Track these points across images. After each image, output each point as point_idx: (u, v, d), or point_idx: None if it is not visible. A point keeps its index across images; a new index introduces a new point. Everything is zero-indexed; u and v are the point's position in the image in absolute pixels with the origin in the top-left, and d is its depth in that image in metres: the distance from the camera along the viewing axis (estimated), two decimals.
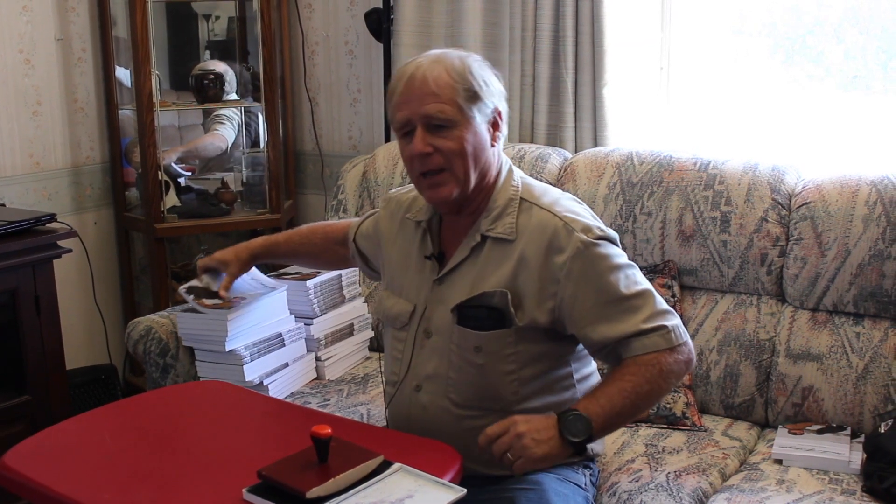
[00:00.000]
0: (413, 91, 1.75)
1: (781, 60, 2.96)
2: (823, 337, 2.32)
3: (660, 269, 2.50)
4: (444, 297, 1.84)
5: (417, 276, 1.90)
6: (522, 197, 1.83)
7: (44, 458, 1.65)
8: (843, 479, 2.05)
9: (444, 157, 1.75)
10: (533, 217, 1.81)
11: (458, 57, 1.79)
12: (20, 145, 3.20)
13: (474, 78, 1.76)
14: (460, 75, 1.75)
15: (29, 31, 3.18)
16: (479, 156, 1.78)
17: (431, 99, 1.73)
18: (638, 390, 1.72)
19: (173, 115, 3.65)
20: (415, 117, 1.75)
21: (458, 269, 1.84)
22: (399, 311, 1.90)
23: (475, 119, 1.76)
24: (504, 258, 1.80)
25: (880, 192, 2.28)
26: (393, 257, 1.98)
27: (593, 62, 2.83)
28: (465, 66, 1.77)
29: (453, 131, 1.75)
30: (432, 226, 1.91)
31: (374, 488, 1.46)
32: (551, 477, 1.84)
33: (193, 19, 3.75)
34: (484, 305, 1.78)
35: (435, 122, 1.74)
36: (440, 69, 1.75)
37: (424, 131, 1.75)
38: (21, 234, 2.63)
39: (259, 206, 3.46)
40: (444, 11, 3.08)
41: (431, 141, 1.75)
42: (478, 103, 1.76)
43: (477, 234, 1.83)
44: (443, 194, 1.79)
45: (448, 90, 1.74)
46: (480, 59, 1.83)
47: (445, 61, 1.77)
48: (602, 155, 2.67)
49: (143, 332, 2.56)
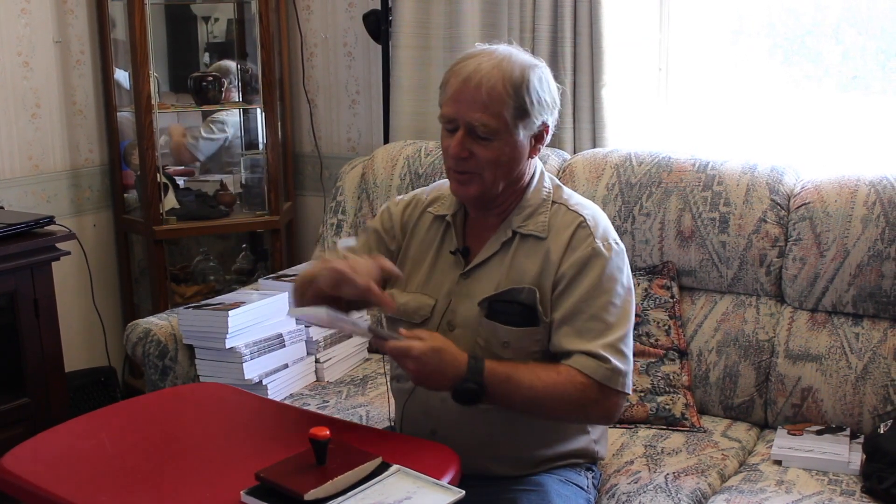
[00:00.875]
0: (465, 93, 1.74)
1: (780, 61, 2.96)
2: (822, 337, 2.32)
3: (658, 269, 2.50)
4: (471, 290, 1.84)
5: (438, 271, 1.89)
6: (554, 199, 1.86)
7: (42, 460, 1.65)
8: (843, 479, 2.05)
9: (477, 163, 1.77)
10: (560, 216, 1.83)
11: (520, 66, 1.76)
12: (19, 148, 3.20)
13: (529, 95, 1.75)
14: (515, 89, 1.73)
15: (27, 33, 3.18)
16: (513, 167, 1.80)
17: (480, 108, 1.73)
18: (545, 393, 1.71)
19: (172, 118, 3.65)
20: (460, 119, 1.75)
21: (485, 263, 1.84)
22: (418, 305, 1.89)
23: (518, 134, 1.77)
24: (533, 255, 1.81)
25: (879, 193, 2.28)
26: (409, 253, 1.95)
27: (592, 63, 2.83)
28: (525, 79, 1.74)
29: (493, 142, 1.75)
30: (457, 220, 1.91)
31: (372, 490, 1.46)
32: (554, 479, 1.85)
33: (192, 21, 3.76)
34: (514, 301, 1.79)
35: (478, 131, 1.75)
36: (497, 78, 1.73)
37: (465, 135, 1.75)
38: (20, 237, 2.63)
39: (258, 207, 3.45)
40: (442, 13, 3.08)
41: (470, 146, 1.76)
42: (525, 120, 1.76)
43: (508, 229, 1.84)
44: (466, 192, 1.81)
45: (498, 103, 1.73)
46: (542, 69, 1.81)
47: (505, 69, 1.74)
48: (601, 156, 2.67)
49: (141, 335, 2.56)
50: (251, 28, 3.52)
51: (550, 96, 1.80)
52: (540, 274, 1.79)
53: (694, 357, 2.43)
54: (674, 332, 2.42)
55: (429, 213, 1.95)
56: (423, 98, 3.17)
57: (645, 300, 2.45)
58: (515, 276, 1.81)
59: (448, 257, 1.89)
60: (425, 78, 3.17)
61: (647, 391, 2.35)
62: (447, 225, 1.91)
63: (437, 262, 1.90)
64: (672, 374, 2.38)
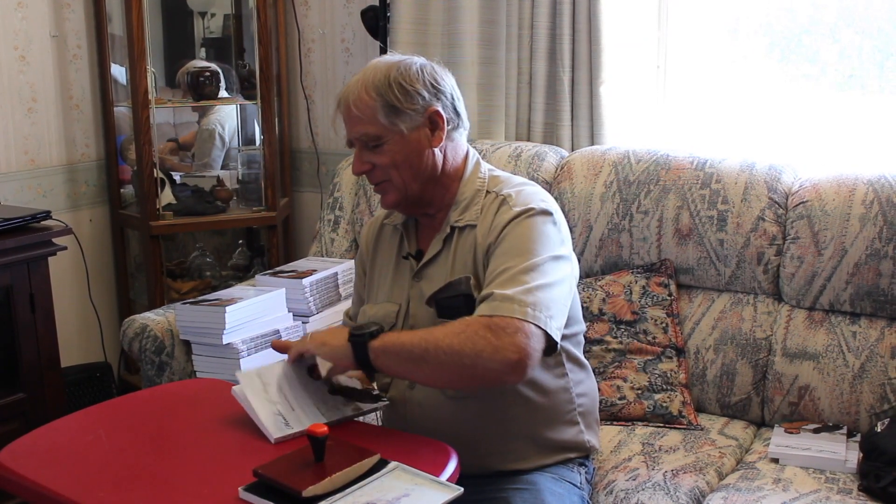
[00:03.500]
0: (344, 114, 1.84)
1: (777, 60, 2.96)
2: (820, 336, 2.32)
3: (656, 267, 2.50)
4: (423, 291, 1.87)
5: (399, 277, 1.94)
6: (488, 188, 1.88)
7: (38, 456, 1.65)
8: (840, 478, 2.05)
9: (381, 171, 1.84)
10: (490, 201, 1.86)
11: (384, 69, 1.82)
12: (15, 142, 3.19)
13: (392, 91, 1.79)
14: (378, 92, 1.79)
15: (24, 27, 3.17)
16: (415, 161, 1.83)
17: (356, 122, 1.82)
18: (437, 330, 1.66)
19: (169, 113, 3.64)
20: (351, 138, 1.85)
21: (433, 262, 1.88)
22: (385, 313, 1.92)
23: (402, 130, 1.81)
24: (469, 244, 1.84)
25: (877, 192, 2.28)
26: (375, 267, 2.02)
27: (590, 60, 2.83)
28: (387, 79, 1.80)
29: (383, 147, 1.81)
30: (408, 227, 1.97)
31: (370, 487, 1.45)
32: (546, 476, 1.85)
33: (189, 16, 3.74)
34: (458, 294, 1.79)
35: (366, 143, 1.82)
36: (360, 89, 1.80)
37: (361, 149, 1.84)
38: (16, 232, 2.62)
39: (255, 203, 3.45)
40: (440, 9, 3.08)
41: (368, 158, 1.83)
42: (400, 115, 1.80)
43: (447, 226, 1.87)
44: (388, 201, 1.88)
45: (368, 110, 1.80)
46: (409, 63, 1.84)
47: (368, 77, 1.81)
48: (599, 153, 2.67)
49: (138, 330, 2.55)
50: (248, 23, 3.51)
51: (425, 83, 1.82)
52: (473, 259, 1.82)
53: (691, 355, 2.43)
54: (671, 330, 2.42)
55: (386, 224, 2.02)
56: None
57: (643, 297, 2.45)
58: (459, 269, 1.83)
59: (404, 263, 1.94)
60: None
61: (645, 388, 2.35)
62: (400, 234, 1.97)
63: (397, 268, 1.95)
64: (669, 371, 2.38)
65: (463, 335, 1.62)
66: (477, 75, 3.01)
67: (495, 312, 1.63)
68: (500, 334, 1.60)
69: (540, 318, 1.64)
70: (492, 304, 1.65)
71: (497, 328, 1.61)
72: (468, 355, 1.60)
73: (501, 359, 1.60)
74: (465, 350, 1.61)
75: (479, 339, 1.61)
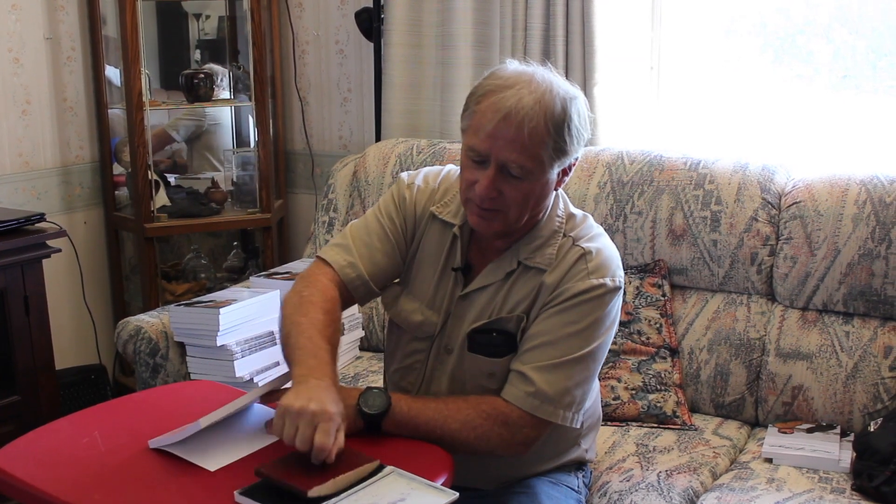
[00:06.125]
0: (504, 131, 1.60)
1: (771, 60, 2.97)
2: (813, 336, 2.33)
3: (650, 268, 2.51)
4: (464, 314, 1.78)
5: (443, 286, 1.81)
6: (565, 231, 1.76)
7: (33, 458, 1.64)
8: (833, 477, 2.05)
9: (504, 201, 1.65)
10: (566, 249, 1.74)
11: (561, 99, 1.63)
12: (9, 144, 3.18)
13: (570, 133, 1.64)
14: (557, 129, 1.62)
15: (18, 29, 3.17)
16: (539, 203, 1.70)
17: (518, 148, 1.60)
18: (452, 418, 1.65)
19: (163, 115, 3.64)
20: (494, 157, 1.62)
21: (484, 290, 1.77)
22: (423, 321, 1.82)
23: (552, 172, 1.67)
24: (529, 284, 1.73)
25: (870, 192, 2.29)
26: (419, 255, 1.85)
27: (584, 62, 2.83)
28: (567, 116, 1.63)
29: (524, 182, 1.64)
30: (464, 234, 1.80)
31: (366, 491, 1.45)
32: (544, 480, 1.85)
33: (183, 18, 3.74)
34: (497, 330, 1.73)
35: (511, 171, 1.63)
36: (540, 116, 1.59)
37: (496, 173, 1.63)
38: (10, 234, 2.62)
39: (249, 205, 3.45)
40: (434, 11, 3.08)
41: (499, 185, 1.63)
42: (562, 158, 1.66)
43: (514, 259, 1.75)
44: (489, 227, 1.71)
45: (538, 145, 1.61)
46: (580, 100, 1.68)
47: (548, 105, 1.61)
48: (592, 154, 2.68)
49: (132, 332, 2.55)
50: (242, 25, 3.51)
51: (587, 130, 1.69)
52: (531, 303, 1.73)
53: (685, 355, 2.44)
54: (665, 331, 2.43)
55: (436, 215, 1.82)
56: (415, 96, 3.17)
57: (636, 298, 2.45)
58: (509, 306, 1.74)
59: (451, 273, 1.80)
60: (417, 76, 3.17)
61: (639, 389, 2.36)
62: (454, 237, 1.80)
63: (443, 275, 1.82)
64: (663, 371, 2.38)
65: (479, 430, 1.65)
66: (471, 76, 3.01)
67: (533, 412, 1.66)
68: (516, 430, 1.67)
69: (569, 418, 1.69)
70: (529, 400, 1.66)
71: (515, 425, 1.66)
72: (480, 450, 1.67)
73: (509, 451, 1.70)
74: (478, 446, 1.66)
75: (493, 437, 1.66)
